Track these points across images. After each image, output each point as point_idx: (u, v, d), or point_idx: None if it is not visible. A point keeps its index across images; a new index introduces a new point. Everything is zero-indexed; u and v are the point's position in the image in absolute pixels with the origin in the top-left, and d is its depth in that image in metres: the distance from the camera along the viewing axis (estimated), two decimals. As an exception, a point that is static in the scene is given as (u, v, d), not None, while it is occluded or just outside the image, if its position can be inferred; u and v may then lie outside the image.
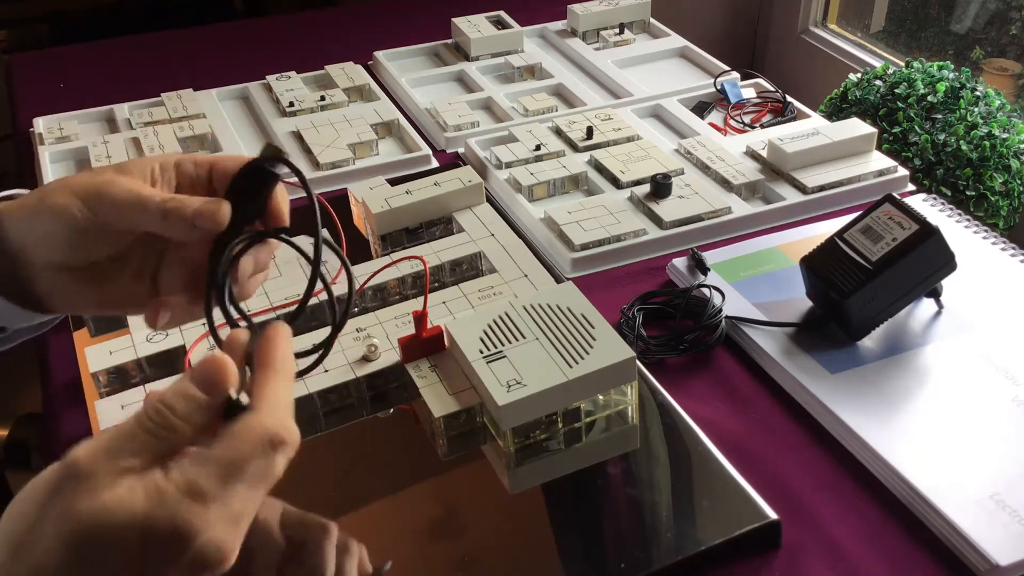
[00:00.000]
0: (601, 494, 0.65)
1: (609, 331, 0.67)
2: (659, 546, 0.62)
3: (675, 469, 0.67)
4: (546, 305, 0.69)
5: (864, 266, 0.74)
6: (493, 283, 0.79)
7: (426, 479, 0.65)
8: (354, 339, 0.73)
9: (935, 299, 0.80)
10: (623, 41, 1.31)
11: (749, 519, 0.62)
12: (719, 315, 0.79)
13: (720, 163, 1.01)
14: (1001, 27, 1.41)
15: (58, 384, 0.77)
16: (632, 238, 0.91)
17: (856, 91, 1.23)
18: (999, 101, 1.17)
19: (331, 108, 1.16)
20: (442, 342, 0.70)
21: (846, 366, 0.75)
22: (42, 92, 1.27)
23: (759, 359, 0.77)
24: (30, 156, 1.12)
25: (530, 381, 0.64)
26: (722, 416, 0.72)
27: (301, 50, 1.38)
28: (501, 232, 0.86)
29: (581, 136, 1.07)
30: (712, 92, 1.19)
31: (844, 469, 0.68)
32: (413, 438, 0.69)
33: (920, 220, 0.75)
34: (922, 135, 1.13)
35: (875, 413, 0.70)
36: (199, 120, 1.13)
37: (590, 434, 0.68)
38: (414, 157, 1.06)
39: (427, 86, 1.25)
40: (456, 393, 0.67)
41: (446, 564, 0.59)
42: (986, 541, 0.60)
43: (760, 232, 0.93)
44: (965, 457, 0.66)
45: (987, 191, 1.11)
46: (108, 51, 1.41)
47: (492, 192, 1.00)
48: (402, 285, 0.81)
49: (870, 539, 0.63)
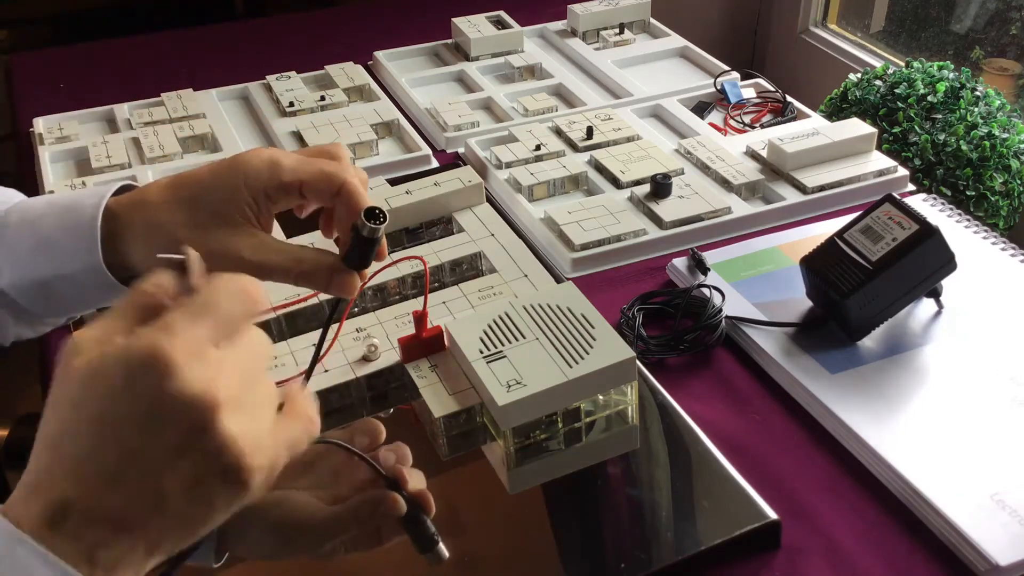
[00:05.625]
0: (601, 494, 0.65)
1: (609, 331, 0.67)
2: (659, 546, 0.62)
3: (675, 469, 0.67)
4: (546, 305, 0.69)
5: (864, 266, 0.74)
6: (493, 283, 0.79)
7: (426, 479, 0.65)
8: (354, 339, 0.73)
9: (935, 299, 0.80)
10: (623, 41, 1.31)
11: (749, 519, 0.62)
12: (719, 315, 0.79)
13: (720, 163, 1.01)
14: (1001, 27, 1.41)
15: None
16: (632, 238, 0.91)
17: (856, 91, 1.23)
18: (999, 101, 1.17)
19: (331, 108, 1.16)
20: (442, 342, 0.70)
21: (846, 366, 0.75)
22: (42, 92, 1.27)
23: (759, 359, 0.77)
24: (30, 156, 1.12)
25: (530, 381, 0.64)
26: (722, 416, 0.72)
27: (301, 50, 1.38)
28: (501, 232, 0.86)
29: (581, 136, 1.07)
30: (712, 92, 1.19)
31: (844, 469, 0.68)
32: (413, 438, 0.69)
33: (920, 220, 0.75)
34: (922, 135, 1.13)
35: (875, 413, 0.70)
36: (199, 120, 1.13)
37: (590, 434, 0.68)
38: (414, 157, 1.06)
39: (427, 86, 1.25)
40: (456, 393, 0.67)
41: (446, 564, 0.59)
42: (986, 541, 0.60)
43: (760, 232, 0.93)
44: (965, 457, 0.66)
45: (987, 191, 1.11)
46: (108, 51, 1.41)
47: (492, 192, 1.00)
48: (402, 285, 0.81)
49: (870, 539, 0.63)
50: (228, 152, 1.08)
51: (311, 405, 0.45)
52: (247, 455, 0.41)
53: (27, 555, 0.38)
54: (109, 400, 0.39)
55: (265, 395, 0.43)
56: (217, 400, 0.40)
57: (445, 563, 0.58)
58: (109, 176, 1.03)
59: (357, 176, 0.55)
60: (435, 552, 0.58)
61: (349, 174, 0.55)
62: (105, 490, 0.39)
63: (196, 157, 1.08)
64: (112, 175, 1.03)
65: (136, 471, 0.39)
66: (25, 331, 0.66)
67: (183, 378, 0.39)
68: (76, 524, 0.39)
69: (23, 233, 0.61)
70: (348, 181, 0.54)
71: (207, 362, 0.40)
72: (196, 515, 0.41)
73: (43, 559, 0.38)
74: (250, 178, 0.54)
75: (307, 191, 0.55)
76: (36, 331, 0.67)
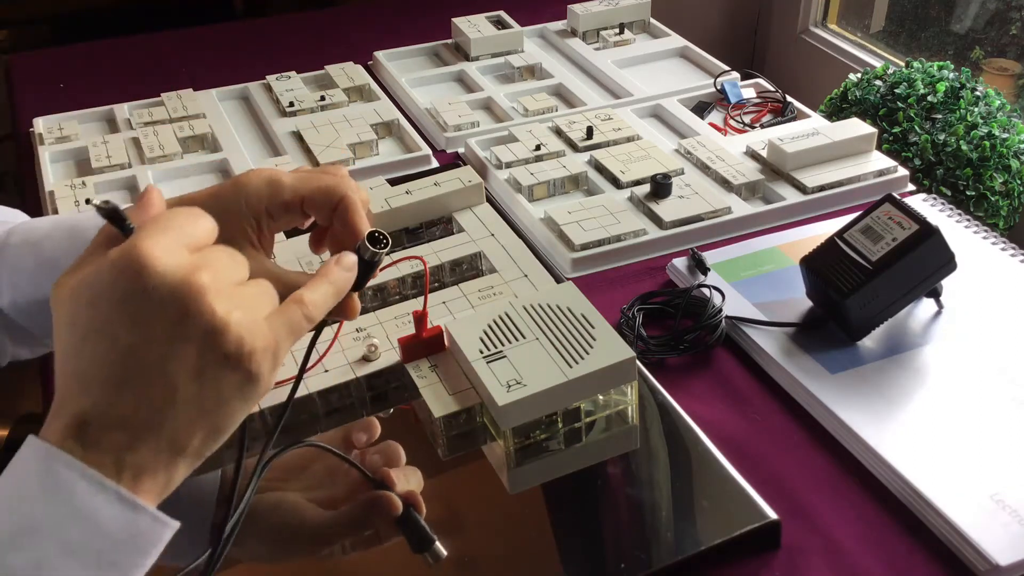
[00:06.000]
0: (601, 494, 0.66)
1: (609, 331, 0.67)
2: (659, 546, 0.62)
3: (675, 469, 0.67)
4: (546, 305, 0.69)
5: (864, 266, 0.74)
6: (493, 283, 0.79)
7: (426, 479, 0.65)
8: (354, 339, 0.73)
9: (935, 299, 0.80)
10: (623, 41, 1.31)
11: (749, 519, 0.62)
12: (719, 315, 0.79)
13: (720, 163, 1.01)
14: (1001, 27, 1.41)
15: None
16: (632, 238, 0.91)
17: (856, 91, 1.23)
18: (999, 101, 1.17)
19: (331, 108, 1.16)
20: (442, 342, 0.70)
21: (846, 366, 0.75)
22: (42, 92, 1.27)
23: (759, 359, 0.77)
24: (30, 156, 1.12)
25: (530, 381, 0.64)
26: (722, 416, 0.72)
27: (301, 50, 1.38)
28: (501, 232, 0.85)
29: (581, 136, 1.07)
30: (712, 92, 1.19)
31: (844, 469, 0.68)
32: (413, 438, 0.69)
33: (920, 220, 0.75)
34: (922, 135, 1.13)
35: (875, 413, 0.70)
36: (199, 120, 1.13)
37: (590, 434, 0.68)
38: (414, 157, 1.06)
39: (427, 86, 1.25)
40: (456, 393, 0.67)
41: (446, 564, 0.59)
42: (986, 541, 0.60)
43: (760, 232, 0.93)
44: (965, 457, 0.66)
45: (987, 191, 1.11)
46: (108, 51, 1.41)
47: (492, 192, 1.00)
48: (402, 285, 0.81)
49: (870, 539, 0.63)
50: (228, 152, 1.08)
51: (311, 290, 0.48)
52: (245, 338, 0.42)
53: (65, 471, 0.40)
54: (97, 308, 0.41)
55: (257, 290, 0.45)
56: (201, 284, 0.41)
57: (445, 563, 0.58)
58: (109, 176, 1.03)
59: (358, 194, 0.55)
60: (432, 551, 0.58)
61: (350, 189, 0.54)
62: (115, 393, 0.41)
63: (196, 157, 1.08)
64: (112, 175, 1.03)
65: (139, 369, 0.41)
66: (23, 351, 0.66)
67: (161, 270, 0.41)
68: (96, 432, 0.41)
69: (24, 253, 0.62)
70: (347, 196, 0.54)
71: (182, 257, 0.42)
72: (209, 405, 0.42)
73: (80, 472, 0.40)
74: (251, 198, 0.54)
75: (308, 207, 0.55)
76: (34, 352, 0.68)
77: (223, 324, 0.41)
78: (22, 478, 0.40)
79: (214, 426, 0.43)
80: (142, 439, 0.41)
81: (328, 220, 0.55)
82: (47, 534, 0.39)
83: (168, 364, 0.41)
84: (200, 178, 1.06)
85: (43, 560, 0.39)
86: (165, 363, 0.41)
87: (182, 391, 0.41)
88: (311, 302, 0.47)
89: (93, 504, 0.40)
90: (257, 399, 0.44)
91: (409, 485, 0.61)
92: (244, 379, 0.43)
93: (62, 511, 0.40)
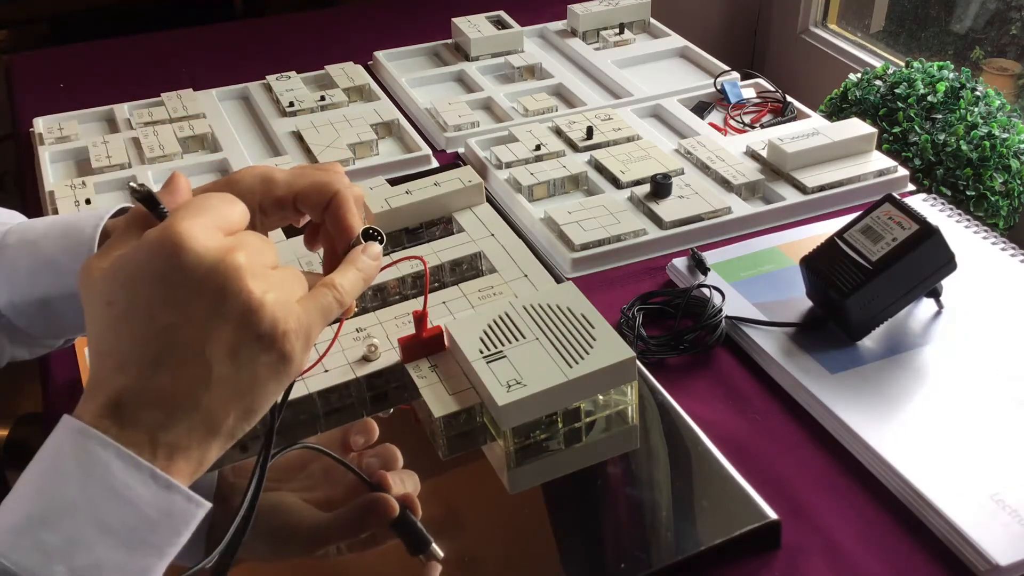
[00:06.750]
0: (601, 494, 0.65)
1: (609, 331, 0.67)
2: (659, 546, 0.62)
3: (675, 469, 0.67)
4: (546, 305, 0.69)
5: (864, 266, 0.74)
6: (493, 283, 0.79)
7: (426, 479, 0.65)
8: (354, 339, 0.73)
9: (935, 299, 0.80)
10: (623, 41, 1.31)
11: (749, 519, 0.62)
12: (719, 315, 0.79)
13: (720, 163, 1.01)
14: (1001, 27, 1.41)
15: (58, 384, 0.77)
16: (632, 238, 0.91)
17: (856, 91, 1.23)
18: (999, 101, 1.17)
19: (331, 108, 1.16)
20: (442, 342, 0.70)
21: (846, 366, 0.75)
22: (42, 92, 1.27)
23: (759, 359, 0.77)
24: (30, 156, 1.12)
25: (530, 381, 0.64)
26: (722, 416, 0.72)
27: (301, 50, 1.38)
28: (501, 232, 0.85)
29: (581, 136, 1.07)
30: (712, 92, 1.19)
31: (844, 469, 0.68)
32: (413, 438, 0.69)
33: (920, 220, 0.75)
34: (922, 135, 1.13)
35: (875, 413, 0.70)
36: (199, 120, 1.13)
37: (590, 434, 0.68)
38: (414, 157, 1.06)
39: (427, 86, 1.25)
40: (456, 393, 0.67)
41: (446, 564, 0.59)
42: (986, 541, 0.60)
43: (760, 232, 0.93)
44: (965, 457, 0.66)
45: (987, 191, 1.11)
46: (108, 51, 1.41)
47: (492, 192, 1.00)
48: (402, 285, 0.81)
49: (870, 539, 0.63)
50: (228, 152, 1.08)
51: (341, 275, 0.49)
52: (280, 318, 0.43)
53: (100, 450, 0.40)
54: (134, 287, 0.41)
55: (289, 273, 0.46)
56: (238, 264, 0.42)
57: (445, 563, 0.58)
58: (109, 176, 1.03)
59: (350, 191, 0.55)
60: (429, 552, 0.58)
61: (342, 185, 0.54)
62: (151, 372, 0.41)
63: (196, 157, 1.08)
64: (112, 175, 1.03)
65: (175, 348, 0.41)
66: (21, 352, 0.66)
67: (200, 250, 0.41)
68: (132, 410, 0.41)
69: (22, 253, 0.61)
70: (340, 192, 0.54)
71: (219, 238, 0.42)
72: (243, 385, 0.43)
73: (116, 452, 0.40)
74: (244, 195, 0.54)
75: (301, 203, 0.55)
76: (32, 353, 0.67)
77: (259, 304, 0.42)
78: (56, 457, 0.41)
79: (248, 406, 0.43)
80: (177, 418, 0.42)
81: (321, 217, 0.55)
82: (81, 512, 0.40)
83: (205, 343, 0.41)
84: (200, 178, 1.06)
85: (77, 537, 0.39)
86: (202, 342, 0.41)
87: (217, 370, 0.42)
88: (341, 287, 0.48)
89: (127, 482, 0.40)
90: (288, 380, 0.45)
91: (405, 488, 0.61)
92: (278, 359, 0.43)
93: (96, 489, 0.40)
